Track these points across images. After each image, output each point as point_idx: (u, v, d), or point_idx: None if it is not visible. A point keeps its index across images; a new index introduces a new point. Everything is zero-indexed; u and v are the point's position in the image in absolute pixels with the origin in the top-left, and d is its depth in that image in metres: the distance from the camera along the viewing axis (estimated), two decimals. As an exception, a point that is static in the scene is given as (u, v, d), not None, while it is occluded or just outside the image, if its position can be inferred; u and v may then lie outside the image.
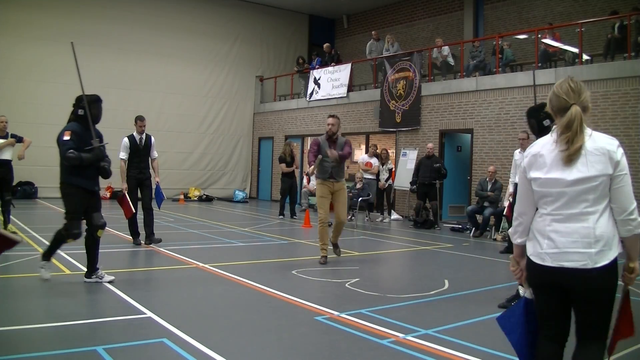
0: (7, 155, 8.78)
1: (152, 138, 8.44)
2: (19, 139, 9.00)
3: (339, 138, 7.47)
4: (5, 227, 8.66)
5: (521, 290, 2.88)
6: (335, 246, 7.63)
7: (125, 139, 8.17)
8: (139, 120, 8.28)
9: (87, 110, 5.43)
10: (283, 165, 13.36)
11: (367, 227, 12.26)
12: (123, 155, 8.11)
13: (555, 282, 2.53)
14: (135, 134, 8.24)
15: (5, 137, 8.75)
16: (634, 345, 3.89)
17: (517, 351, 2.73)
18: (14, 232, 8.70)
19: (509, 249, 8.84)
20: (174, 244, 8.38)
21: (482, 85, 12.95)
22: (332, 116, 7.51)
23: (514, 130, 12.06)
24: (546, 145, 2.59)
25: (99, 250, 5.77)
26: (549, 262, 2.50)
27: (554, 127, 2.59)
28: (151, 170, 8.42)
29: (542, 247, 2.54)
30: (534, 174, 2.57)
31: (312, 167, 7.39)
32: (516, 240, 2.71)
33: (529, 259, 2.62)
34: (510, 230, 2.78)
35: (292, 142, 14.97)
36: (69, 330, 4.10)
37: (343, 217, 7.45)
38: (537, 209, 2.64)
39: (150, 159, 8.37)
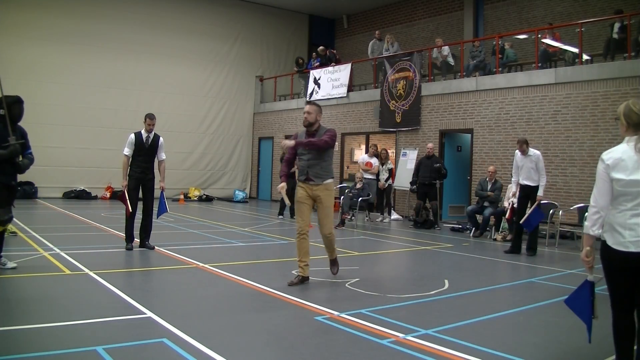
0: None
1: (161, 139, 8.01)
2: None
3: (320, 129, 6.03)
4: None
5: (589, 277, 3.34)
6: (332, 263, 6.37)
7: (132, 136, 7.85)
8: (149, 118, 7.84)
9: (6, 111, 5.77)
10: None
11: (367, 227, 12.26)
12: (127, 151, 7.79)
13: (637, 265, 3.03)
14: (143, 131, 7.86)
15: None
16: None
17: (587, 325, 3.38)
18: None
19: (513, 249, 8.82)
20: (174, 244, 8.37)
21: (482, 85, 12.96)
22: (309, 103, 6.16)
23: (514, 130, 12.07)
24: (626, 152, 3.12)
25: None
26: (633, 249, 3.02)
27: (627, 137, 3.16)
28: (156, 172, 8.02)
29: (625, 237, 3.05)
30: (617, 175, 3.09)
31: (282, 183, 6.08)
32: (595, 231, 3.17)
33: (610, 248, 3.11)
34: (587, 223, 3.21)
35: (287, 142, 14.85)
36: (69, 330, 4.10)
37: (325, 231, 6.03)
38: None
39: (157, 161, 8.00)
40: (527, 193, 8.70)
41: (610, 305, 3.23)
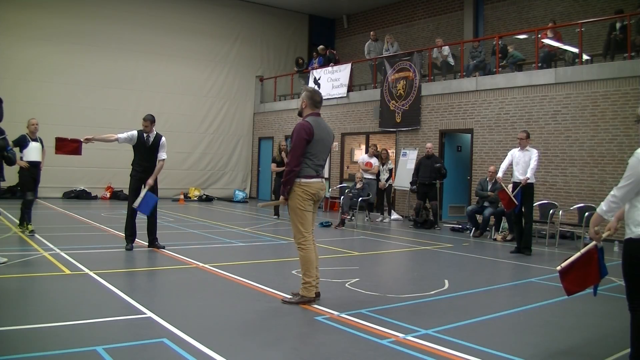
0: (36, 156, 9.13)
1: (163, 138, 7.87)
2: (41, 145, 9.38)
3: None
4: (24, 225, 8.91)
5: (599, 245, 3.69)
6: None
7: (135, 131, 7.73)
8: (143, 120, 7.73)
9: None
10: (273, 165, 13.32)
11: (367, 227, 12.26)
12: (122, 136, 7.61)
13: None
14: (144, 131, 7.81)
15: (35, 139, 9.12)
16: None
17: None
18: (32, 232, 8.76)
19: (519, 249, 8.81)
20: (174, 244, 8.37)
21: (482, 85, 12.96)
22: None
23: (514, 130, 12.06)
24: None
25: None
26: None
27: None
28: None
29: None
30: None
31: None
32: (610, 217, 3.38)
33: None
34: (604, 207, 3.31)
35: (281, 142, 14.84)
36: (69, 330, 4.10)
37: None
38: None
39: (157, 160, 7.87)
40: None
41: (632, 307, 3.22)
